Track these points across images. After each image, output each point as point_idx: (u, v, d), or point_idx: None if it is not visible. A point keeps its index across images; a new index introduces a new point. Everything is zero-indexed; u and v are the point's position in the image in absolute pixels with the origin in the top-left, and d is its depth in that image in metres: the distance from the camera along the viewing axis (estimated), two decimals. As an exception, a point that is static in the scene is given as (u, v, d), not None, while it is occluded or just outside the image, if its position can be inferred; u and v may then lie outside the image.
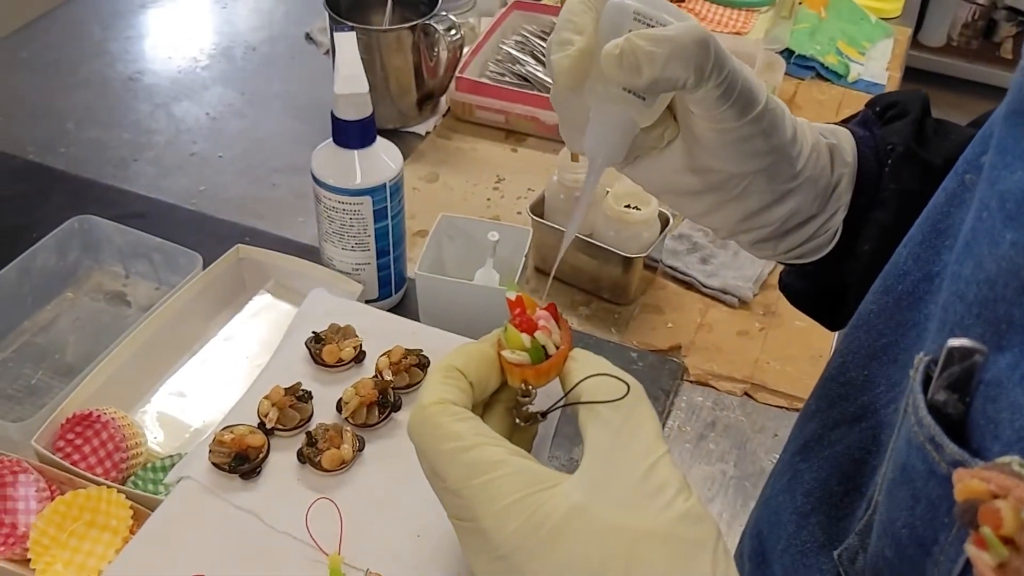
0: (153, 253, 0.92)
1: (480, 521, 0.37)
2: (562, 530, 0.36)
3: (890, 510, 0.38)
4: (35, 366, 0.86)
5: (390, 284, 0.92)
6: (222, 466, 0.65)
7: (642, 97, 0.44)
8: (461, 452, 0.39)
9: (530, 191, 1.11)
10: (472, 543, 0.39)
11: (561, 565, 0.36)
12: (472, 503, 0.38)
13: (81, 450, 0.75)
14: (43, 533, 0.67)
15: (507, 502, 0.37)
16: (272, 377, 0.72)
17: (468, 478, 0.38)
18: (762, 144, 0.47)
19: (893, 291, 0.44)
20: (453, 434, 0.40)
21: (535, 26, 1.31)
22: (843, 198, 0.52)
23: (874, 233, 0.52)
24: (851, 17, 1.43)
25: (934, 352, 0.35)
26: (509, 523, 0.37)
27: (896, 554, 0.37)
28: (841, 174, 0.52)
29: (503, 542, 0.37)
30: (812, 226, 0.52)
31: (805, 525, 0.48)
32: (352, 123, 0.82)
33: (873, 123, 0.54)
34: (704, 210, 0.51)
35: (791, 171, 0.49)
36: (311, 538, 0.62)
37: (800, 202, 0.50)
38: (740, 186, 0.49)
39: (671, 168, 0.49)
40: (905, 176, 0.51)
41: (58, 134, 1.16)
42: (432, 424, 0.41)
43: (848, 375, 0.47)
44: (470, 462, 0.38)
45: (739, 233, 0.52)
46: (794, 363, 0.92)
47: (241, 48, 1.35)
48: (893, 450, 0.39)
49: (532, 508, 0.37)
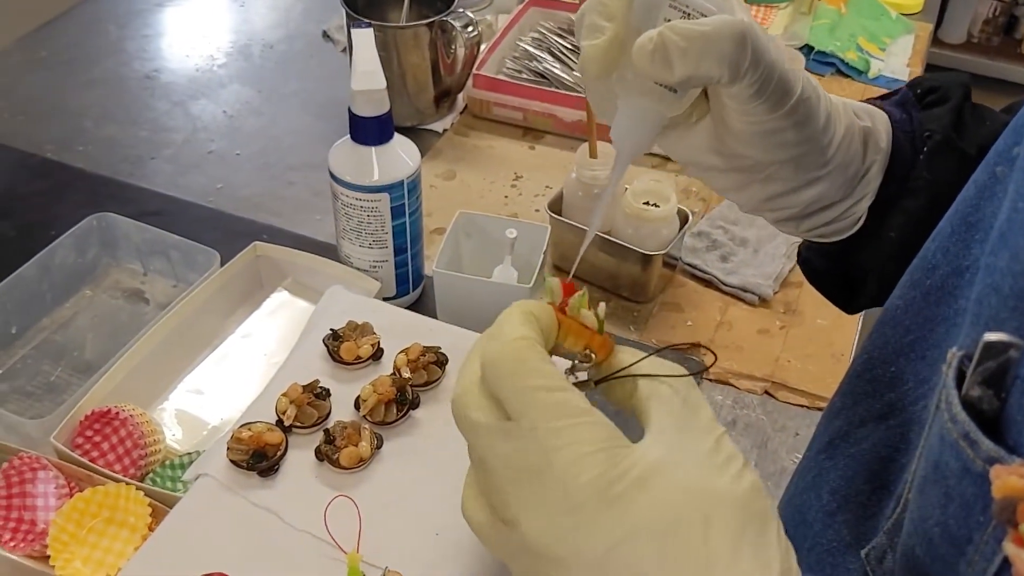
0: (171, 250, 0.92)
1: (555, 468, 0.36)
2: (643, 484, 0.35)
3: (922, 508, 0.38)
4: (54, 363, 0.87)
5: (407, 282, 0.92)
6: (240, 463, 0.65)
7: (673, 90, 0.43)
8: (547, 392, 0.37)
9: (548, 188, 1.11)
10: (537, 497, 0.36)
11: (638, 519, 0.35)
12: (550, 447, 0.36)
13: (100, 447, 0.75)
14: (62, 530, 0.67)
15: (589, 450, 0.35)
16: (290, 374, 0.72)
17: (551, 419, 0.36)
18: (792, 136, 0.46)
19: (921, 286, 0.44)
20: (541, 372, 0.38)
21: (552, 23, 1.31)
22: (872, 184, 0.51)
23: (901, 221, 0.51)
24: (871, 13, 1.42)
25: (968, 347, 0.34)
26: (589, 471, 0.35)
27: (927, 553, 0.37)
28: (873, 160, 0.51)
29: (579, 490, 0.35)
30: (836, 210, 0.51)
31: (831, 524, 0.47)
32: (370, 120, 0.82)
33: (912, 105, 0.53)
34: (728, 187, 0.50)
35: (821, 160, 0.48)
36: (329, 536, 0.62)
37: (827, 188, 0.49)
38: (765, 172, 0.48)
39: (697, 145, 0.48)
40: (940, 167, 0.50)
41: (76, 132, 1.17)
42: (518, 359, 0.38)
43: (875, 372, 0.47)
44: (556, 403, 0.37)
45: (763, 211, 0.52)
46: (815, 361, 0.91)
47: (258, 46, 1.35)
48: (924, 447, 0.39)
49: (613, 460, 0.35)
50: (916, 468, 0.39)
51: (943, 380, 0.35)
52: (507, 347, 0.38)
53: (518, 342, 0.38)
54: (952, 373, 0.35)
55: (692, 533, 0.34)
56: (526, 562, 0.38)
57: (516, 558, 0.38)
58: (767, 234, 1.03)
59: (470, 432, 0.39)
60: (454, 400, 0.40)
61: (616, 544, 0.34)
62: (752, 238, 1.02)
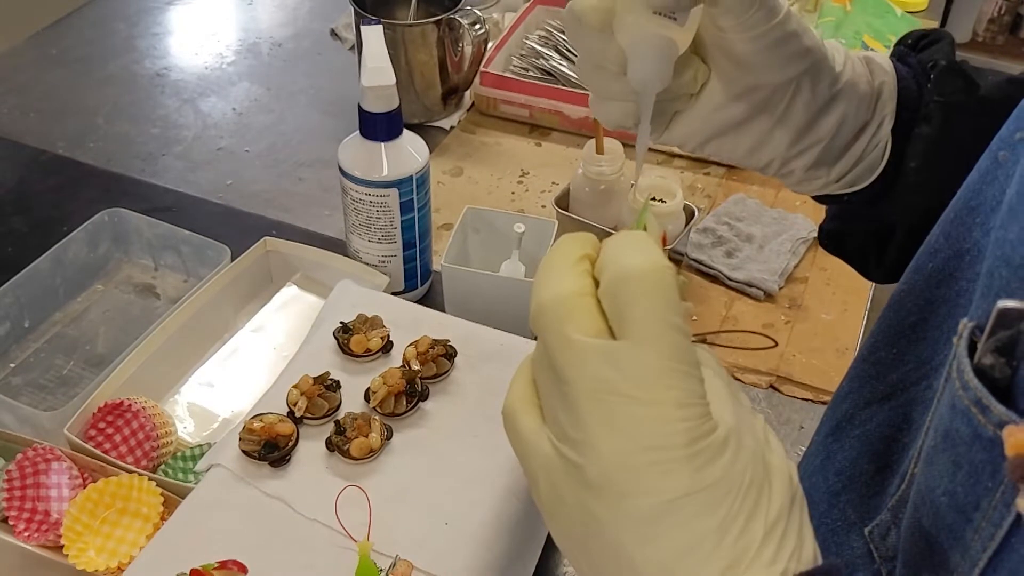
0: (182, 245, 0.93)
1: (657, 405, 0.34)
2: (724, 445, 0.35)
3: (929, 479, 0.38)
4: (66, 357, 0.88)
5: (416, 276, 0.93)
6: (252, 454, 0.66)
7: (673, 17, 0.44)
8: (678, 332, 0.35)
9: (554, 185, 1.11)
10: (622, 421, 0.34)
11: (714, 477, 0.34)
12: (659, 384, 0.34)
13: (112, 439, 0.76)
14: (76, 520, 0.68)
15: (691, 400, 0.35)
16: (301, 366, 0.73)
17: (671, 358, 0.35)
18: (797, 45, 0.47)
19: (923, 269, 0.45)
20: (679, 309, 0.36)
21: (558, 21, 1.31)
22: (888, 106, 0.52)
23: (920, 148, 0.52)
24: (876, 10, 1.43)
25: (979, 318, 0.35)
26: (688, 419, 0.34)
27: (934, 524, 0.38)
28: (882, 82, 0.52)
29: (673, 434, 0.34)
30: (863, 140, 0.52)
31: (836, 504, 0.48)
32: (379, 115, 0.83)
33: (907, 54, 0.54)
34: (753, 143, 0.50)
35: (832, 73, 0.49)
36: (340, 525, 0.62)
37: (846, 109, 0.50)
38: (785, 99, 0.49)
39: (711, 107, 0.49)
40: (949, 89, 0.51)
41: (87, 129, 1.18)
42: (666, 286, 0.35)
43: (878, 354, 0.48)
44: (682, 346, 0.35)
45: (791, 160, 0.52)
46: (820, 356, 0.91)
47: (267, 44, 1.36)
48: (933, 419, 0.39)
49: (705, 416, 0.35)
50: (923, 442, 0.40)
51: (954, 351, 0.36)
52: (657, 268, 0.35)
53: (667, 269, 0.36)
54: (963, 343, 0.36)
55: (760, 499, 0.35)
56: (568, 487, 0.36)
57: (556, 478, 0.36)
58: (772, 231, 1.03)
59: (562, 345, 0.36)
60: (545, 307, 0.37)
61: (686, 495, 0.34)
62: (757, 234, 1.02)
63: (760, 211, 1.06)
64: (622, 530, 0.34)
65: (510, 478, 0.66)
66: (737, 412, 0.36)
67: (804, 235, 1.02)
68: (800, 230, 1.03)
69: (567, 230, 0.96)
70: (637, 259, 0.35)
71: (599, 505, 0.35)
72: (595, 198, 0.96)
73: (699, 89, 0.49)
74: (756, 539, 0.34)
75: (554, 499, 0.37)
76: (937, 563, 0.38)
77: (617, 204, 0.96)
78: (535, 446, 0.37)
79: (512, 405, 0.39)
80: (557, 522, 0.37)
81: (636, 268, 0.35)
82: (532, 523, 0.67)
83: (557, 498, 0.37)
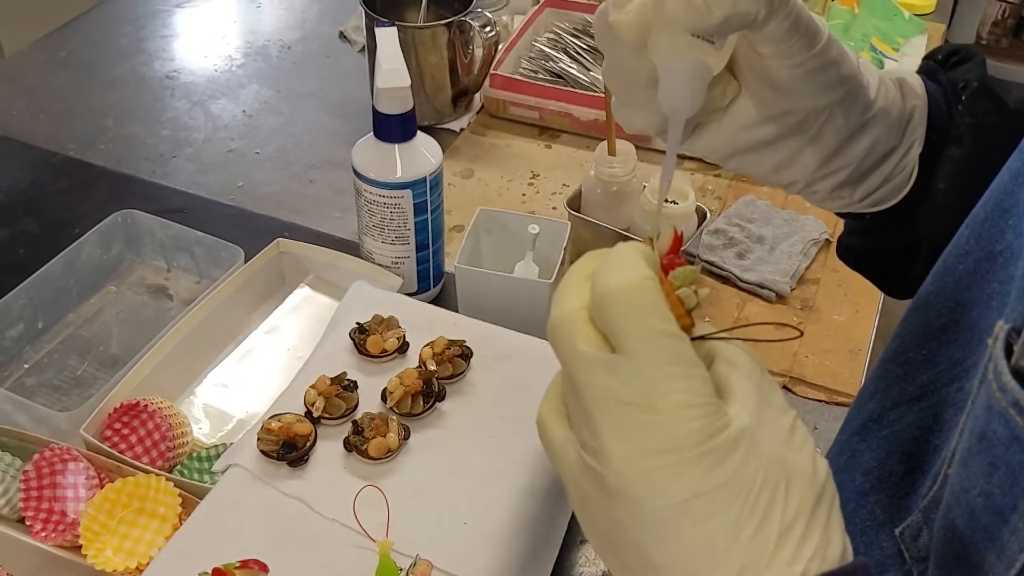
0: (195, 247, 0.93)
1: (661, 410, 0.35)
2: (736, 445, 0.35)
3: (964, 480, 0.38)
4: (80, 358, 0.88)
5: (429, 278, 0.93)
6: (270, 454, 0.66)
7: (711, 41, 0.43)
8: (668, 337, 0.36)
9: (565, 187, 1.12)
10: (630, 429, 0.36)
11: (726, 476, 0.35)
12: (661, 389, 0.35)
13: (128, 440, 0.76)
14: (93, 520, 0.68)
15: (696, 401, 0.35)
16: (317, 367, 0.73)
17: (666, 364, 0.36)
18: (835, 73, 0.46)
19: (954, 271, 0.44)
20: (664, 315, 0.37)
21: (567, 23, 1.32)
22: (918, 131, 0.52)
23: (949, 171, 0.51)
24: (885, 13, 1.43)
25: (1015, 320, 0.35)
26: (693, 420, 0.35)
27: (968, 525, 0.38)
28: (913, 106, 0.51)
29: (679, 436, 0.35)
30: (890, 163, 0.51)
31: (864, 504, 0.48)
32: (393, 117, 0.83)
33: (937, 70, 0.54)
34: (779, 162, 0.49)
35: (866, 100, 0.48)
36: (359, 525, 0.62)
37: (877, 134, 0.49)
38: (817, 124, 0.48)
39: (740, 124, 0.48)
40: (981, 110, 0.51)
41: (97, 131, 1.18)
42: (649, 298, 0.37)
43: (907, 355, 0.48)
44: (674, 350, 0.36)
45: (817, 181, 0.51)
46: (832, 357, 0.92)
47: (276, 47, 1.36)
48: (968, 421, 0.39)
49: (714, 415, 0.35)
50: (956, 444, 0.40)
51: (989, 353, 0.36)
52: (634, 283, 0.37)
53: (646, 281, 0.37)
54: (1000, 345, 0.36)
55: (775, 498, 0.35)
56: (592, 492, 0.37)
57: (582, 483, 0.38)
58: (783, 232, 1.03)
59: (570, 359, 0.38)
60: (554, 326, 0.39)
61: (698, 495, 0.35)
62: (769, 236, 1.03)
63: (771, 213, 1.06)
64: (641, 532, 0.36)
65: (527, 478, 0.66)
66: (759, 410, 0.37)
67: (815, 236, 1.02)
68: (811, 231, 1.03)
69: (579, 232, 0.96)
70: (615, 277, 0.37)
71: (619, 509, 0.36)
72: (607, 200, 0.96)
73: (727, 103, 0.48)
74: (771, 539, 0.35)
75: (582, 503, 0.39)
76: (972, 564, 0.38)
77: (629, 206, 0.96)
78: (564, 454, 0.39)
79: (542, 415, 0.41)
80: (587, 524, 0.39)
81: (614, 286, 0.37)
82: (550, 523, 0.67)
83: (584, 502, 0.38)
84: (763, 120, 0.48)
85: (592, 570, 0.72)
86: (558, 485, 0.68)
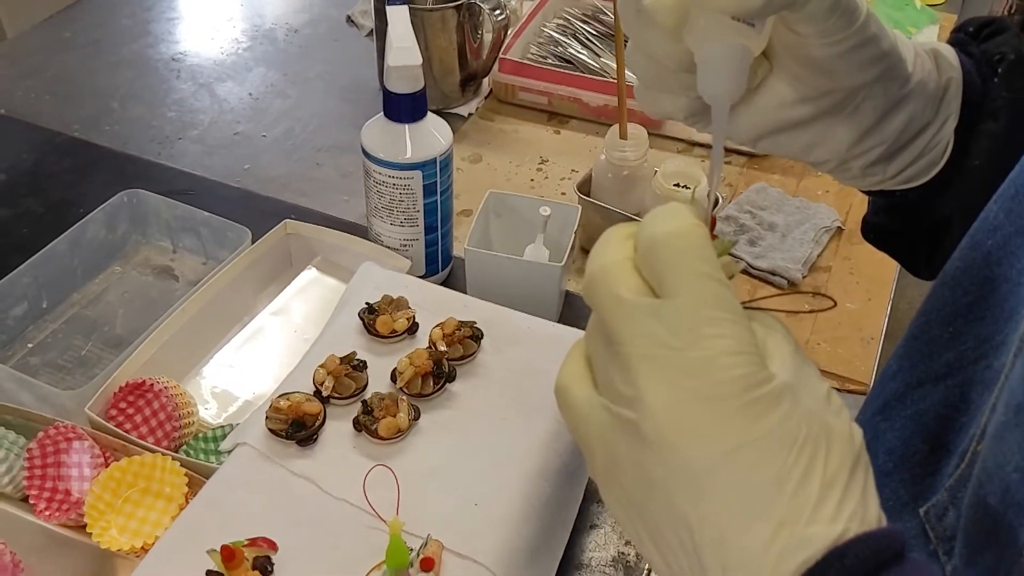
0: (201, 227, 0.92)
1: (706, 354, 0.34)
2: (779, 398, 0.34)
3: (997, 456, 0.37)
4: (85, 338, 0.87)
5: (437, 261, 0.92)
6: (279, 432, 0.65)
7: (751, 23, 0.41)
8: (714, 281, 0.36)
9: (574, 172, 1.11)
10: (674, 373, 0.35)
11: (769, 428, 0.34)
12: (706, 333, 0.35)
13: (133, 419, 0.75)
14: (99, 499, 0.67)
15: (740, 348, 0.35)
16: (326, 347, 0.72)
17: (713, 307, 0.35)
18: (875, 49, 0.44)
19: (982, 247, 0.43)
20: (712, 260, 0.36)
21: (577, 8, 1.31)
22: (953, 104, 0.50)
23: (985, 146, 0.49)
24: (896, 3, 1.42)
25: None
26: (738, 368, 0.34)
27: (1002, 501, 0.37)
28: (949, 78, 0.50)
29: (724, 383, 0.34)
30: (924, 137, 0.50)
31: (888, 483, 0.47)
32: (404, 96, 0.82)
33: (968, 43, 0.52)
34: (812, 141, 0.48)
35: (905, 74, 0.47)
36: (368, 505, 0.62)
37: (913, 109, 0.48)
38: (855, 102, 0.46)
39: (773, 104, 0.46)
40: (1018, 84, 0.49)
41: (102, 112, 1.17)
42: (699, 243, 0.36)
43: (932, 333, 0.47)
44: (720, 295, 0.35)
45: (851, 159, 0.50)
46: (845, 344, 0.91)
47: (282, 30, 1.35)
48: (1001, 393, 0.38)
49: (757, 366, 0.35)
50: (987, 420, 0.39)
51: None
52: (685, 228, 0.37)
53: (696, 227, 0.37)
54: None
55: (817, 453, 0.34)
56: (624, 448, 0.36)
57: (611, 442, 0.37)
58: (795, 220, 1.02)
59: (611, 306, 0.37)
60: (594, 275, 0.38)
61: (740, 446, 0.34)
62: (780, 223, 1.02)
63: (782, 200, 1.05)
64: (677, 486, 0.35)
65: (539, 460, 0.66)
66: (798, 371, 0.36)
67: (827, 224, 1.01)
68: (823, 219, 1.02)
69: (590, 216, 0.95)
70: (663, 225, 0.37)
71: (654, 462, 0.35)
72: (618, 184, 0.96)
73: (756, 83, 0.46)
74: (812, 496, 0.34)
75: (610, 465, 0.37)
76: (1004, 541, 0.37)
77: (640, 190, 0.95)
78: (590, 415, 0.38)
79: (564, 381, 0.40)
80: (613, 490, 0.38)
81: (664, 231, 0.37)
82: (561, 506, 0.66)
83: (613, 463, 0.37)
84: (797, 100, 0.46)
85: (602, 555, 0.71)
86: (570, 468, 0.67)
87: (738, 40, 0.42)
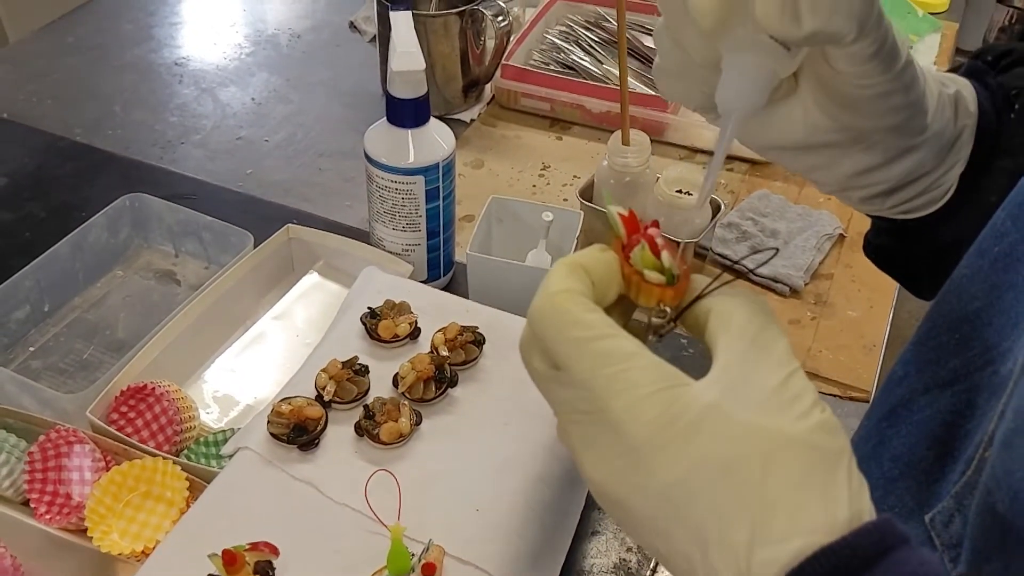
0: (203, 232, 0.92)
1: (609, 413, 0.36)
2: (698, 426, 0.34)
3: (1007, 462, 0.37)
4: (86, 341, 0.87)
5: (439, 266, 0.92)
6: (280, 437, 0.65)
7: (787, 48, 0.40)
8: (592, 341, 0.37)
9: (576, 178, 1.11)
10: (594, 440, 0.37)
11: (695, 461, 0.34)
12: (602, 394, 0.36)
13: (134, 423, 0.75)
14: (99, 502, 0.67)
15: (642, 393, 0.35)
16: (328, 351, 0.72)
17: (599, 367, 0.36)
18: (901, 99, 0.44)
19: (988, 254, 0.43)
20: (584, 322, 0.38)
21: (579, 15, 1.31)
22: (963, 151, 0.50)
23: (1002, 183, 0.48)
24: (898, 11, 1.42)
25: None
26: (643, 414, 0.35)
27: (1011, 508, 0.36)
28: (964, 125, 0.49)
29: (635, 434, 0.35)
30: (926, 181, 0.49)
31: (893, 490, 0.47)
32: (407, 101, 0.82)
33: (985, 72, 0.51)
34: (817, 164, 0.48)
35: (921, 125, 0.46)
36: (370, 509, 0.61)
37: (923, 157, 0.48)
38: (868, 141, 0.46)
39: (786, 123, 0.46)
40: None
41: (105, 117, 1.17)
42: (560, 311, 0.38)
43: (939, 339, 0.46)
44: (602, 352, 0.37)
45: (851, 189, 0.49)
46: (847, 352, 0.91)
47: (285, 35, 1.35)
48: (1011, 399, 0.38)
49: (668, 401, 0.35)
50: (995, 427, 0.39)
51: None
52: (547, 301, 0.39)
53: (558, 296, 0.39)
54: None
55: (750, 474, 0.34)
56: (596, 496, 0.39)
57: None
58: (797, 227, 1.02)
59: (533, 379, 0.41)
60: (519, 348, 0.42)
61: (670, 486, 0.34)
62: (782, 230, 1.02)
63: (784, 207, 1.05)
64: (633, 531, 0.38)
65: (541, 466, 0.65)
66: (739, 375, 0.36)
67: (829, 231, 1.01)
68: (825, 226, 1.02)
69: (592, 222, 0.95)
70: (535, 301, 0.40)
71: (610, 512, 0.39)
72: (620, 190, 0.95)
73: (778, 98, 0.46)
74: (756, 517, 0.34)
75: None
76: (1012, 548, 0.37)
77: (642, 196, 0.95)
78: None
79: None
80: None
81: (533, 310, 0.40)
82: (563, 512, 0.66)
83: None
84: (813, 125, 0.45)
85: (604, 561, 0.71)
86: (572, 473, 0.67)
87: (769, 61, 0.41)
